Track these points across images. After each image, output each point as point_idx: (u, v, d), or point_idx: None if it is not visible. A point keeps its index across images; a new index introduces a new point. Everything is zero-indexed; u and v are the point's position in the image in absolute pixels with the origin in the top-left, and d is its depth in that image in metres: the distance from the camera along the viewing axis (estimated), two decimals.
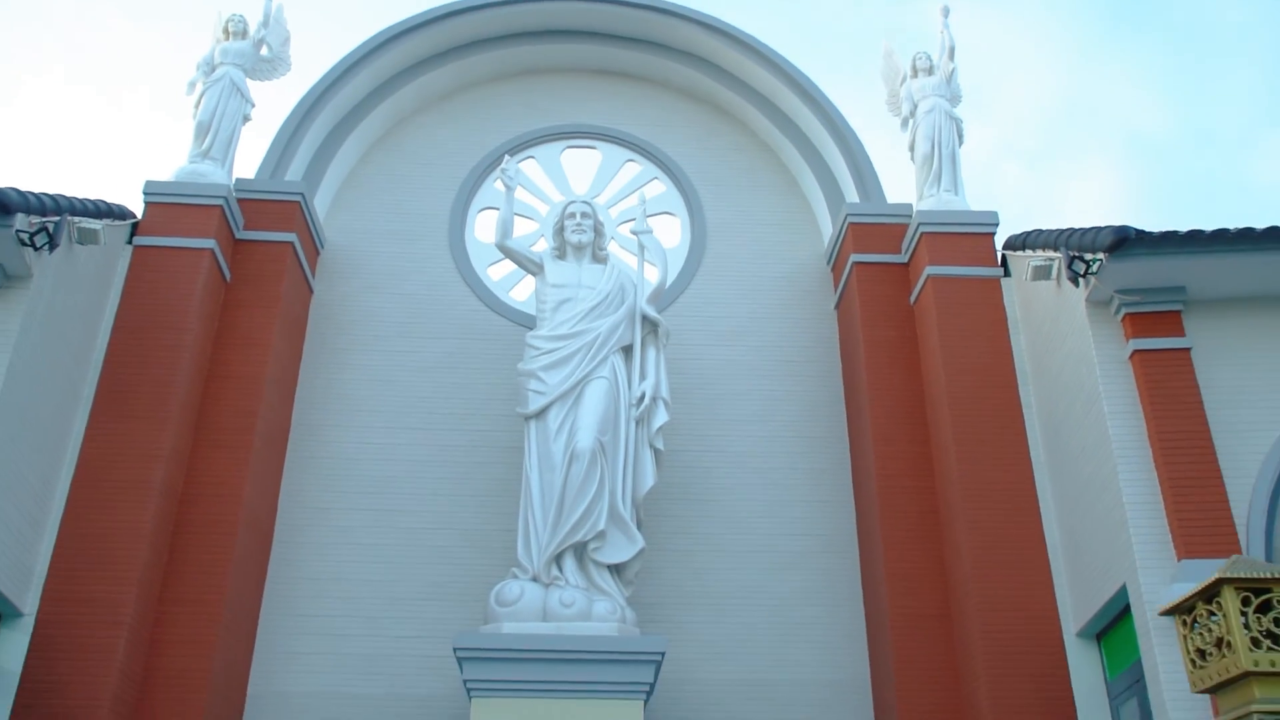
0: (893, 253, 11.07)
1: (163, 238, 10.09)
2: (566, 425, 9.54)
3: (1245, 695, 3.08)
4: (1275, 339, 8.47)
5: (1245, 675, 3.10)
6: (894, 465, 10.13)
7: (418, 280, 11.63)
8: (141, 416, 9.30)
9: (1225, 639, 3.18)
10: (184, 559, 9.29)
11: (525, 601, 8.81)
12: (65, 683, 8.27)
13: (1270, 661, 3.00)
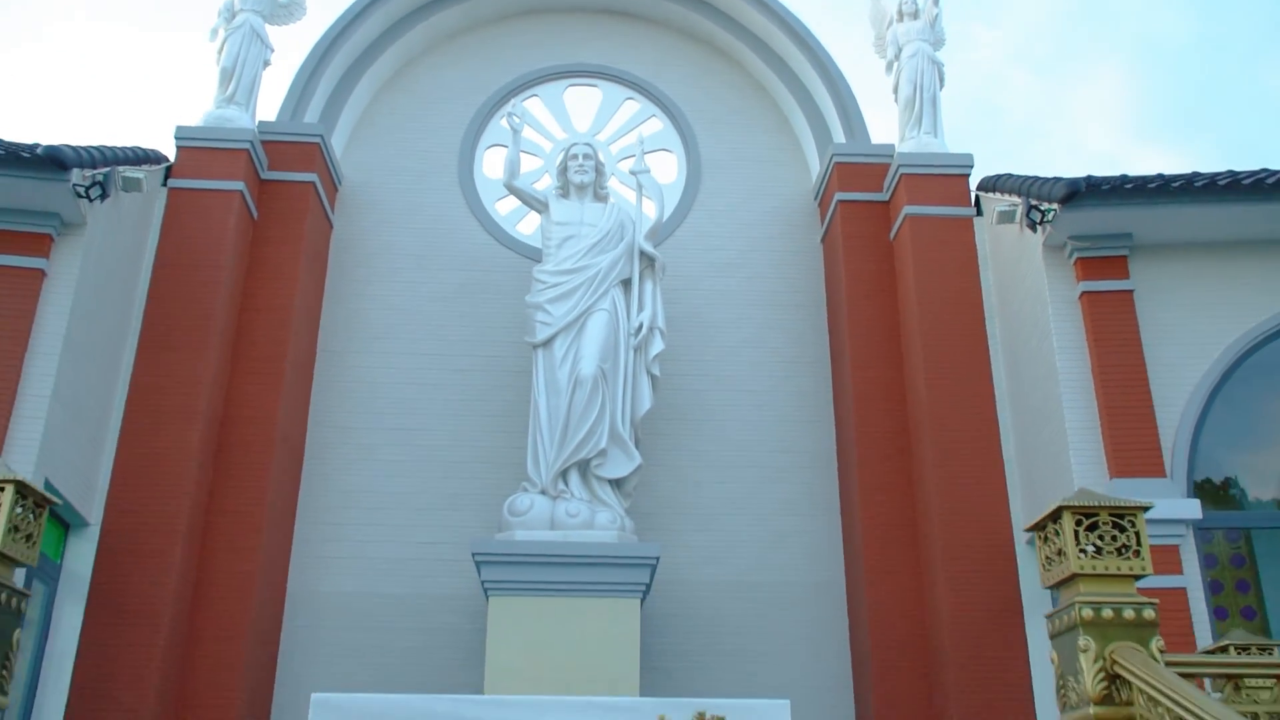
0: (875, 191, 12.08)
1: (195, 180, 11.10)
2: (571, 353, 10.69)
3: (1074, 590, 4.23)
4: (1211, 282, 9.57)
5: (1074, 576, 4.26)
6: (870, 389, 11.31)
7: (430, 215, 12.66)
8: (184, 347, 10.45)
9: (1062, 549, 4.31)
10: (227, 475, 10.53)
11: (535, 512, 10.07)
12: (130, 584, 9.56)
13: (1091, 565, 4.14)
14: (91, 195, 9.12)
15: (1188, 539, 8.81)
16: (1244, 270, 9.58)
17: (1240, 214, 9.40)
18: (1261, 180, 9.20)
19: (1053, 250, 9.82)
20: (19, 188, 8.98)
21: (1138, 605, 4.18)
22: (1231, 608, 10.67)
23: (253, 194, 11.46)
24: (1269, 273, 9.55)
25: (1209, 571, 10.41)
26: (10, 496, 4.12)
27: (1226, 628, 10.32)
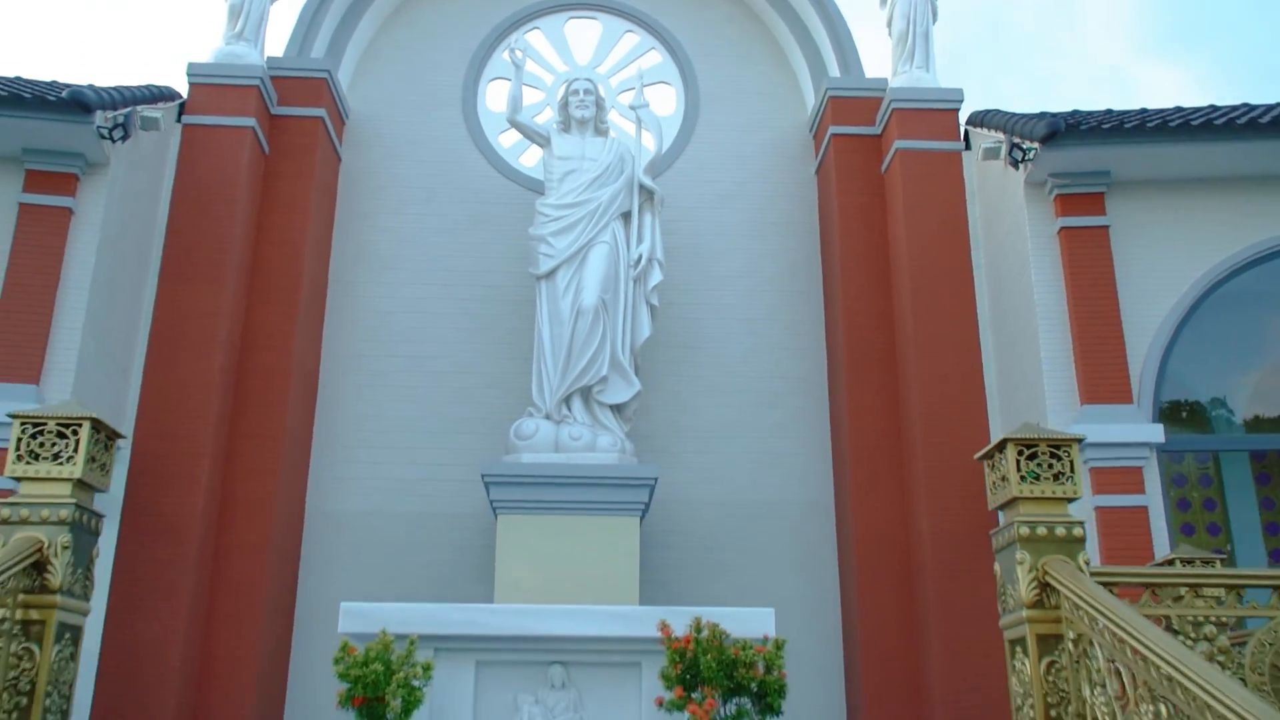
0: (868, 125, 12.54)
1: (208, 116, 11.57)
2: (573, 285, 11.27)
3: (1014, 511, 4.87)
4: (1184, 217, 10.12)
5: (1014, 499, 4.90)
6: (860, 318, 11.91)
7: (435, 148, 13.14)
8: (202, 279, 11.03)
9: (1006, 476, 4.94)
10: (247, 400, 11.18)
11: (540, 436, 10.75)
12: (160, 504, 10.28)
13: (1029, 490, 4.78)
14: (114, 137, 9.63)
15: (1151, 461, 9.47)
16: (1215, 206, 10.12)
17: (1214, 152, 9.91)
18: (1234, 120, 9.69)
19: (1034, 187, 10.34)
20: (45, 130, 9.50)
21: (1068, 524, 4.84)
22: (1198, 523, 11.45)
23: (264, 129, 11.93)
24: (1238, 208, 10.08)
25: (1177, 490, 11.17)
26: (87, 431, 4.75)
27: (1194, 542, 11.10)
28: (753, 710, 6.72)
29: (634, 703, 7.26)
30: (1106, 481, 9.36)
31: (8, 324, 9.27)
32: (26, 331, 9.27)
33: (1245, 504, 11.35)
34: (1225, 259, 10.03)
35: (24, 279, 9.41)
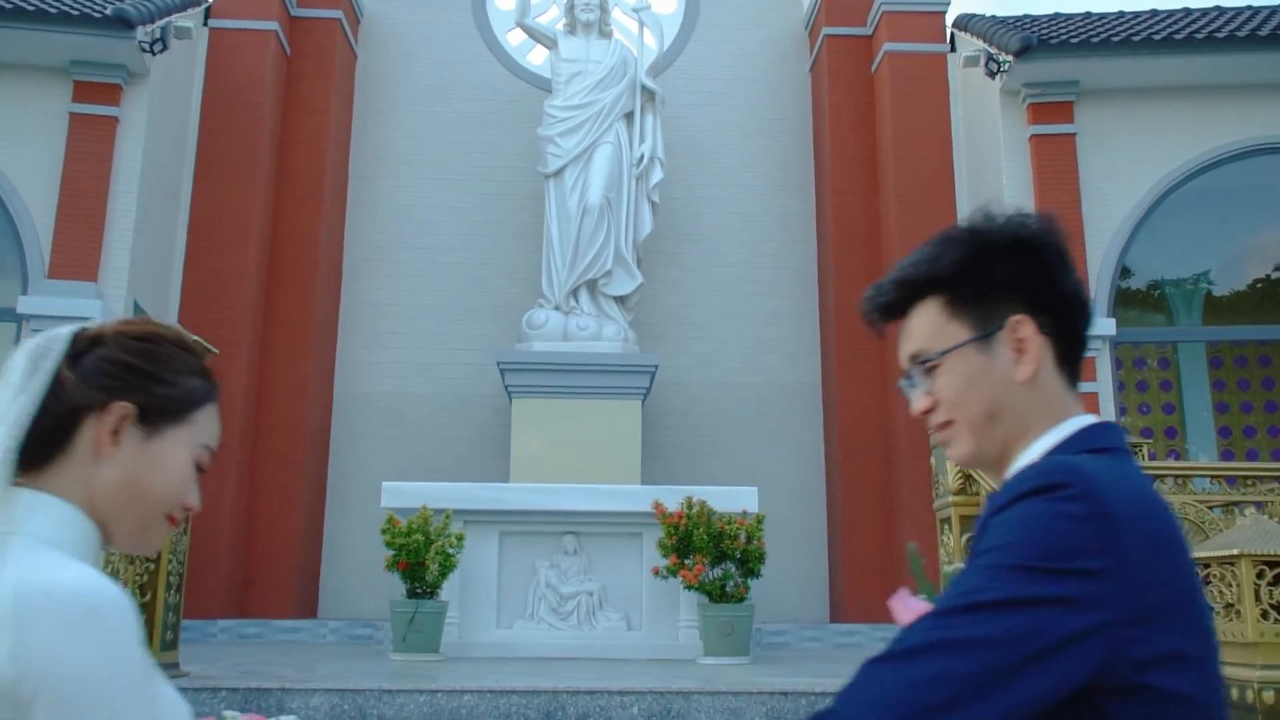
0: (859, 25, 13.30)
1: (233, 20, 12.37)
2: (579, 183, 12.23)
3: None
4: (1146, 125, 11.01)
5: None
6: (847, 213, 12.90)
7: (446, 47, 13.92)
8: (234, 178, 12.01)
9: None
10: (278, 290, 12.28)
11: (550, 326, 11.87)
12: None
13: None
14: (155, 50, 10.49)
15: (1104, 352, 10.59)
16: (1174, 115, 11.00)
17: (1177, 65, 10.76)
18: (1194, 35, 10.51)
19: (1008, 95, 11.21)
20: (91, 44, 10.35)
21: None
22: (1155, 403, 12.64)
23: (285, 32, 12.73)
24: (1195, 117, 10.97)
25: (1138, 372, 12.32)
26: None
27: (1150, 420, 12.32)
28: (736, 574, 8.00)
29: (635, 566, 8.55)
30: None
31: (66, 227, 10.30)
32: (83, 234, 10.30)
33: (1198, 385, 12.52)
34: (1183, 163, 10.94)
35: (78, 185, 10.40)
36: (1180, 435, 12.43)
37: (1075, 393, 1.33)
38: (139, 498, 1.31)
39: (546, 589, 8.49)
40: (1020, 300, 1.32)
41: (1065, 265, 1.35)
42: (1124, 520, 1.09)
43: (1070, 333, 1.34)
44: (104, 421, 1.29)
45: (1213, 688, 1.11)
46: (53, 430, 1.26)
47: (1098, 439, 1.25)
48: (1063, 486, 1.12)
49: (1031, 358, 1.31)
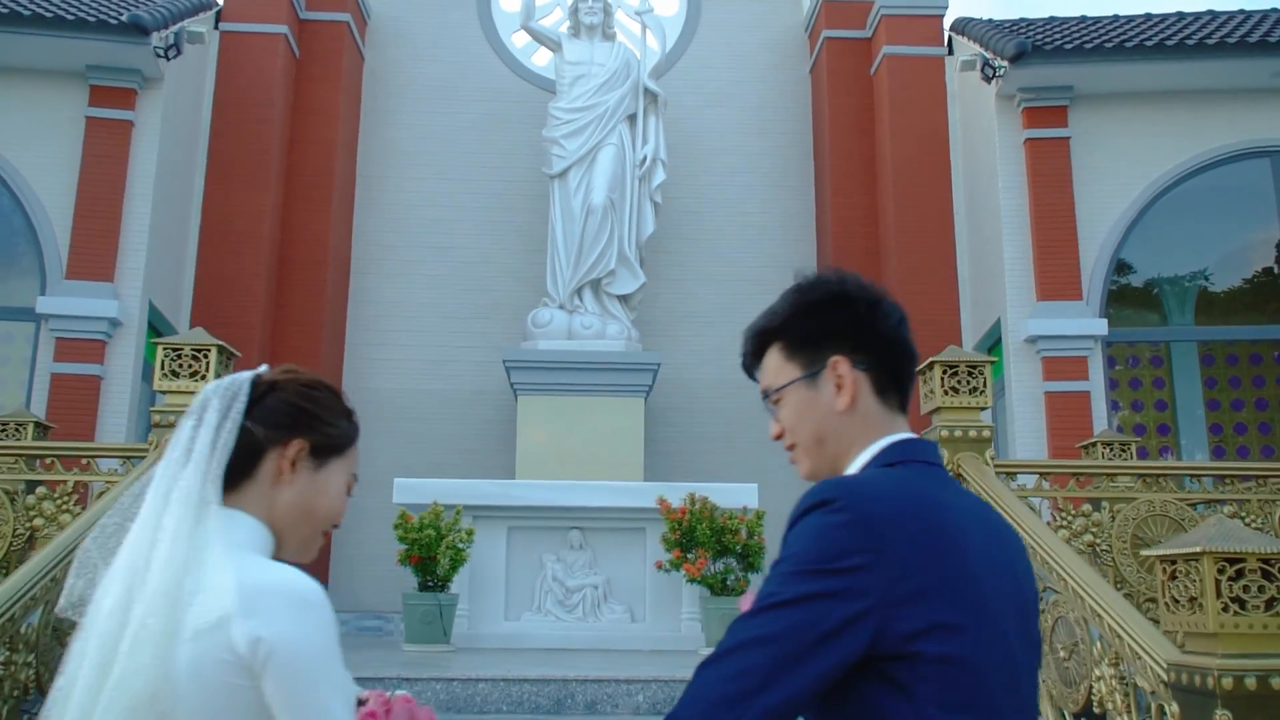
0: (858, 28, 13.58)
1: (243, 24, 12.64)
2: (583, 184, 12.52)
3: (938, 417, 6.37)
4: (1139, 129, 11.29)
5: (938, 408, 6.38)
6: (846, 213, 13.20)
7: (451, 48, 14.20)
8: (245, 180, 12.30)
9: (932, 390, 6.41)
10: (289, 290, 12.58)
11: (555, 324, 12.17)
12: None
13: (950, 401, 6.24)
14: (169, 55, 10.77)
15: (1095, 352, 10.89)
16: (1166, 119, 11.28)
17: (1168, 70, 11.04)
18: (1184, 41, 10.79)
19: (1004, 99, 11.49)
20: (106, 50, 10.63)
21: (979, 428, 6.25)
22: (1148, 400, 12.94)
23: (294, 35, 13.01)
24: (1187, 121, 11.26)
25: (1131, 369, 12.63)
26: (214, 354, 6.17)
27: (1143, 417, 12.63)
28: (737, 568, 8.31)
29: (639, 561, 8.85)
30: (1055, 370, 10.81)
31: (83, 228, 10.59)
32: (100, 235, 10.59)
33: (1190, 382, 12.80)
34: (1175, 166, 11.23)
35: (94, 187, 10.69)
36: (1173, 432, 12.72)
37: (897, 415, 1.62)
38: (309, 517, 1.64)
39: (553, 582, 8.80)
40: (840, 344, 1.62)
41: (877, 314, 1.63)
42: (884, 522, 1.39)
43: (889, 367, 1.63)
44: (285, 454, 1.61)
45: (987, 648, 1.41)
46: (244, 460, 1.57)
47: (898, 454, 1.56)
48: (830, 501, 1.42)
49: (848, 391, 1.61)
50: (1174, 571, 3.99)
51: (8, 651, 4.28)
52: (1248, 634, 3.71)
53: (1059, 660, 4.95)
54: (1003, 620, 1.45)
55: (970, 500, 1.56)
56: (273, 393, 1.63)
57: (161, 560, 1.45)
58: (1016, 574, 1.54)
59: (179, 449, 1.54)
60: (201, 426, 1.55)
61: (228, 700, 1.43)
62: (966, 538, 1.46)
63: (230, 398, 1.59)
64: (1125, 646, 4.30)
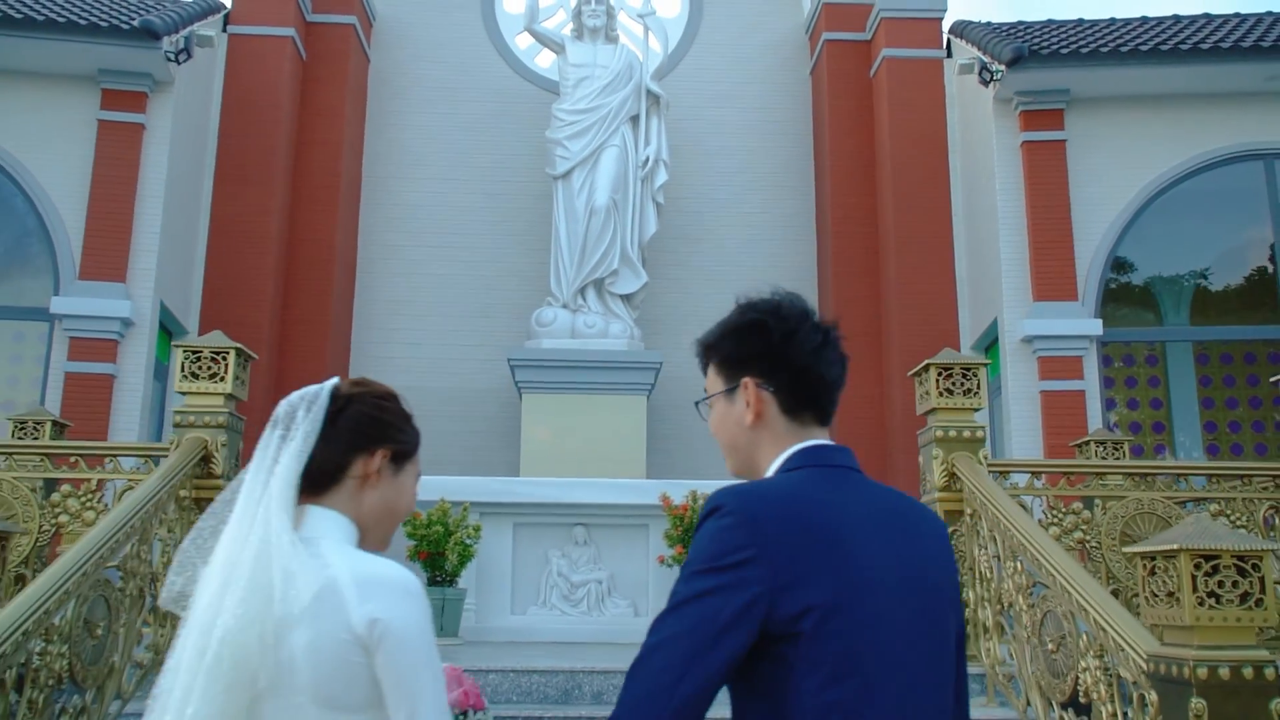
0: (858, 31, 13.79)
1: (251, 26, 12.85)
2: (587, 185, 12.74)
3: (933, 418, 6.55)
4: (1134, 131, 11.51)
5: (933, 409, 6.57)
6: (846, 213, 13.41)
7: (456, 50, 14.42)
8: (253, 181, 12.52)
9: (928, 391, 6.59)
10: (296, 289, 12.80)
11: (558, 324, 12.39)
12: None
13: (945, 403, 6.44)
14: (180, 60, 10.98)
15: (1090, 352, 11.12)
16: (1161, 122, 11.50)
17: (1163, 74, 11.25)
18: (1178, 46, 11.00)
19: (1001, 102, 11.71)
20: (118, 54, 10.85)
21: (973, 428, 6.47)
22: (1143, 398, 13.15)
23: (301, 37, 13.22)
24: (1181, 124, 11.48)
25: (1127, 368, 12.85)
26: (233, 356, 6.38)
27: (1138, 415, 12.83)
28: None
29: (642, 557, 9.08)
30: (1051, 369, 11.03)
31: (96, 230, 10.81)
32: (112, 236, 10.82)
33: (1185, 381, 13.03)
34: (1169, 168, 11.45)
35: (107, 189, 10.91)
36: (1168, 429, 12.94)
37: (811, 427, 1.87)
38: (391, 514, 1.90)
39: (558, 577, 9.03)
40: (753, 367, 1.90)
41: (790, 343, 1.88)
42: (766, 520, 1.65)
43: (798, 390, 1.88)
44: (371, 463, 1.86)
45: (863, 628, 1.65)
46: (333, 468, 1.82)
47: (799, 460, 1.83)
48: (720, 508, 1.68)
49: (753, 409, 1.89)
50: (1153, 568, 4.21)
51: (44, 643, 4.49)
52: (1222, 626, 3.93)
53: (1047, 653, 5.18)
54: (888, 603, 1.69)
55: (871, 496, 1.81)
56: (351, 405, 1.86)
57: (252, 556, 1.68)
58: (918, 560, 1.77)
59: (267, 456, 1.77)
60: (290, 437, 1.78)
61: (344, 673, 1.68)
62: (850, 530, 1.71)
63: (310, 407, 1.84)
64: (1109, 639, 4.52)
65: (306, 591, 1.68)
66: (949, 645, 1.79)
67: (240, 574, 1.68)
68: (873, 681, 1.64)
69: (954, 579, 1.87)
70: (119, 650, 5.20)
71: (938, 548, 1.84)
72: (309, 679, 1.67)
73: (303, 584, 1.68)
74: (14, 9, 10.59)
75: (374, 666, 1.69)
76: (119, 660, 5.19)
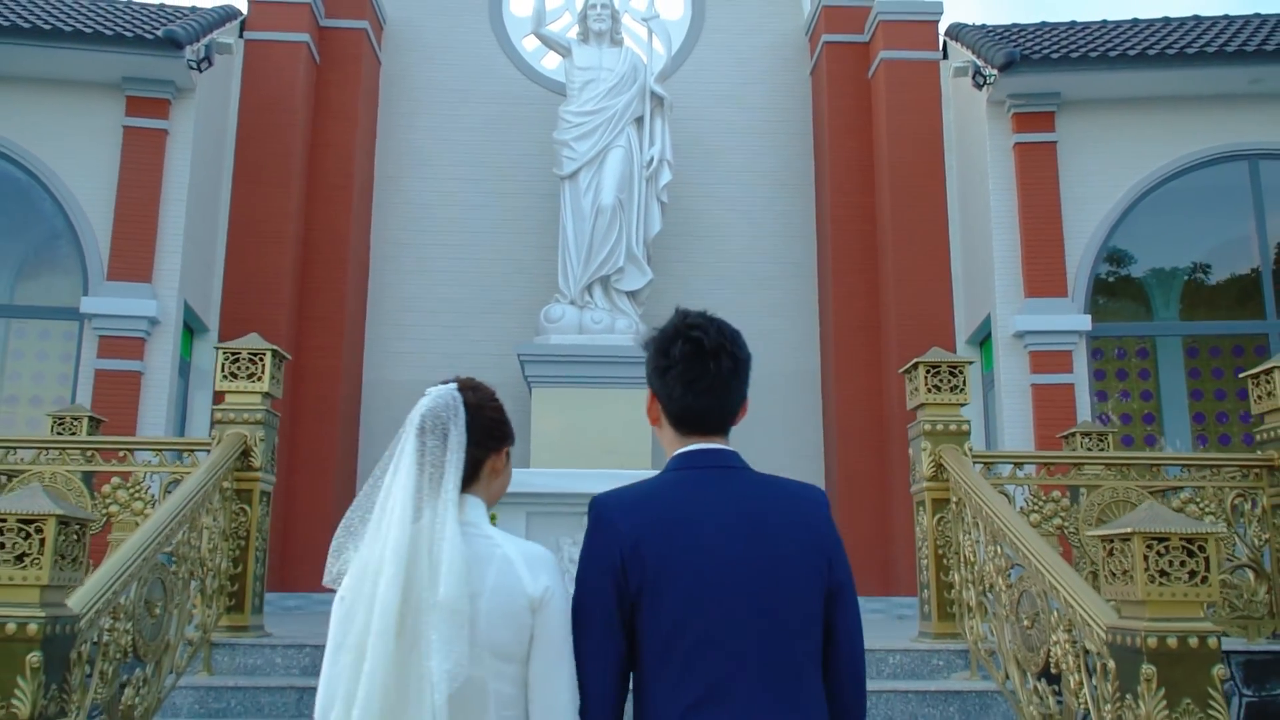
0: (857, 33, 14.27)
1: (267, 33, 13.35)
2: (593, 185, 13.24)
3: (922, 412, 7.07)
4: (1123, 133, 12.01)
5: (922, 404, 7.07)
6: (845, 211, 13.91)
7: (464, 52, 14.91)
8: (271, 182, 13.03)
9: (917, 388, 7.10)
10: (312, 287, 13.32)
11: (566, 320, 12.91)
12: None
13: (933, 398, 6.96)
14: (201, 68, 11.49)
15: (1079, 346, 11.62)
16: (1149, 124, 12.00)
17: (1151, 78, 11.74)
18: (1165, 51, 11.49)
19: (994, 105, 12.19)
20: (142, 63, 11.36)
21: (959, 422, 6.98)
22: (1134, 390, 13.65)
23: (315, 42, 13.72)
24: (1169, 126, 11.97)
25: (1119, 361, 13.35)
26: (269, 358, 6.90)
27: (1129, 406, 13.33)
28: None
29: None
30: (1041, 363, 11.54)
31: (122, 232, 11.35)
32: (138, 239, 11.35)
33: (1174, 374, 13.54)
34: (1157, 169, 11.94)
35: (132, 193, 11.43)
36: (1157, 420, 13.46)
37: (694, 436, 2.44)
38: (502, 494, 2.49)
39: (569, 563, 9.56)
40: (652, 383, 2.47)
41: (665, 377, 2.45)
42: (615, 514, 2.24)
43: (672, 411, 2.45)
44: (499, 458, 2.46)
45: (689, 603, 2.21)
46: (475, 463, 2.38)
47: (676, 462, 2.42)
48: (590, 511, 2.33)
49: (650, 414, 2.49)
50: (1112, 549, 4.73)
51: (112, 620, 5.02)
52: (1170, 601, 4.44)
53: (1023, 629, 5.70)
54: (706, 589, 2.23)
55: (729, 491, 2.36)
56: (480, 413, 2.42)
57: (447, 548, 2.22)
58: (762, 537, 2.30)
59: (425, 460, 2.32)
60: (448, 447, 2.32)
61: (515, 629, 2.24)
62: (694, 522, 2.27)
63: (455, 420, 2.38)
64: (1076, 615, 5.04)
65: (498, 573, 2.24)
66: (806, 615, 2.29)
67: (435, 554, 2.21)
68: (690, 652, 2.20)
69: (817, 548, 2.37)
70: (173, 628, 5.73)
71: (799, 529, 2.36)
72: (487, 635, 2.21)
73: (495, 566, 2.25)
74: (44, 20, 11.09)
75: (532, 623, 2.24)
76: (173, 637, 5.72)
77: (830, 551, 2.38)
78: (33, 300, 11.64)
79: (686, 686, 2.17)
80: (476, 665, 2.20)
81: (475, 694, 2.21)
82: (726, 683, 2.18)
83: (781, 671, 2.21)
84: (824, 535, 2.38)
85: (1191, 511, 7.08)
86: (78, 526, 4.39)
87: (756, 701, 2.18)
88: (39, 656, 4.10)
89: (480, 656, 2.20)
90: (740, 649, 2.20)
